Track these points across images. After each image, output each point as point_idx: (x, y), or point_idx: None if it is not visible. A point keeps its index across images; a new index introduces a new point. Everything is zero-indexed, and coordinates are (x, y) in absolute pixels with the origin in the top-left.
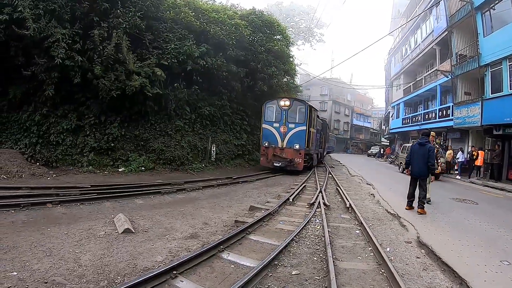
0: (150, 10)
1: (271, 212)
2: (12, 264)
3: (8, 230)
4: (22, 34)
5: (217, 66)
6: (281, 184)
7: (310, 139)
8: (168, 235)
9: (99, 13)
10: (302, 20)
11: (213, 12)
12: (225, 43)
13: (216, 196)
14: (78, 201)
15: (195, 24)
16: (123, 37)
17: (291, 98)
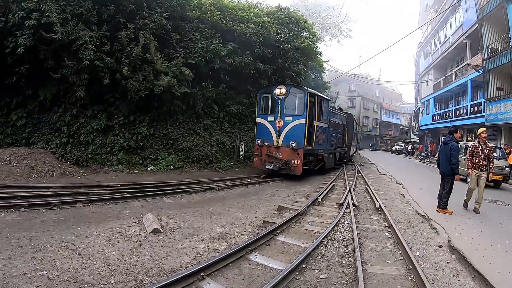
0: (176, 10)
1: (300, 213)
2: (42, 263)
3: (39, 229)
4: (50, 38)
5: (244, 64)
6: (310, 182)
7: (314, 135)
8: (196, 235)
9: (125, 15)
10: (328, 16)
11: (239, 10)
12: (252, 41)
13: (245, 195)
14: (108, 200)
15: (222, 23)
16: (150, 38)
17: (288, 85)
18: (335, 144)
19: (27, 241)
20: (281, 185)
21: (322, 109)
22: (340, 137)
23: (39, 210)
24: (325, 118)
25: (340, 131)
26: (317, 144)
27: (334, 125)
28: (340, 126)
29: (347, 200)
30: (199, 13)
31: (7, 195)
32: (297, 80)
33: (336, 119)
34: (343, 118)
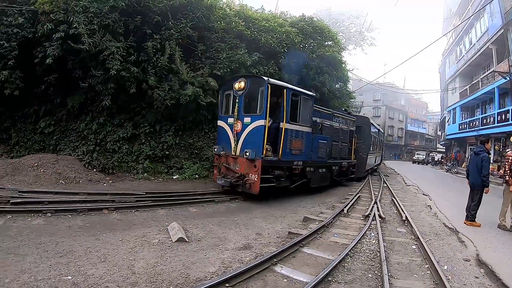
0: (202, 21)
1: (325, 224)
2: (67, 268)
3: (64, 234)
4: (78, 49)
5: (269, 74)
6: (335, 194)
7: (282, 141)
8: (221, 245)
9: (151, 26)
10: (352, 24)
11: (264, 20)
12: (277, 51)
13: (269, 206)
14: (133, 207)
15: (246, 33)
16: (176, 48)
17: (248, 76)
18: (332, 155)
19: (52, 246)
20: (306, 196)
21: (300, 107)
22: (344, 146)
23: (65, 215)
24: (305, 119)
25: (345, 138)
26: (289, 154)
27: (331, 130)
28: (343, 132)
29: (373, 211)
30: (224, 24)
31: (34, 200)
32: (321, 90)
33: (336, 122)
34: (350, 122)
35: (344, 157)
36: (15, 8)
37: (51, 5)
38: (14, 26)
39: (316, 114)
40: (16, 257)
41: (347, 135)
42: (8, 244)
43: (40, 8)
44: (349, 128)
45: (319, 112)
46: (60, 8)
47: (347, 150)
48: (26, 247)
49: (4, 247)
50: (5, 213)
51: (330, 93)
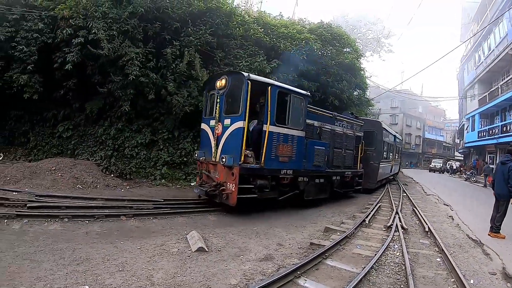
0: (220, 28)
1: (348, 235)
2: (85, 276)
3: (82, 241)
4: (97, 54)
5: (288, 81)
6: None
7: (265, 146)
8: (242, 255)
9: (170, 32)
10: (369, 31)
11: (282, 27)
12: (296, 58)
13: (289, 215)
14: (151, 215)
15: (265, 40)
16: (195, 55)
17: (230, 73)
18: (333, 163)
19: (69, 253)
20: (326, 205)
21: (290, 108)
22: (348, 153)
23: (83, 221)
24: (296, 122)
25: (349, 144)
26: (275, 161)
27: (332, 135)
28: (347, 137)
29: (395, 222)
30: (242, 31)
31: (51, 204)
32: (340, 98)
33: (339, 126)
34: (356, 126)
35: (349, 166)
36: (34, 14)
37: (70, 11)
38: (33, 31)
39: (313, 117)
40: (32, 263)
41: (353, 141)
42: (24, 249)
43: (59, 14)
44: (355, 133)
45: (316, 114)
46: (79, 13)
47: (352, 158)
48: (42, 253)
49: (20, 252)
50: (22, 217)
51: (349, 100)
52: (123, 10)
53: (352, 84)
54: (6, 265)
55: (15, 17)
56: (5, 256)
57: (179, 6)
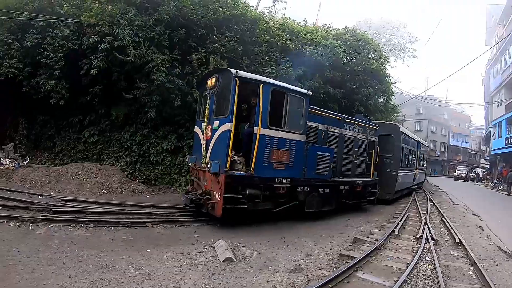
0: (246, 34)
1: (378, 246)
2: (111, 285)
3: (107, 247)
4: (123, 60)
5: (314, 88)
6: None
7: (255, 151)
8: (271, 266)
9: (196, 39)
10: (392, 36)
11: (307, 33)
12: (321, 64)
13: (316, 224)
14: (177, 222)
15: (290, 46)
16: (220, 62)
17: (220, 71)
18: (342, 171)
19: (95, 260)
20: (352, 214)
21: (287, 108)
22: (360, 160)
23: (108, 227)
24: (295, 124)
25: (360, 150)
26: (268, 169)
27: (340, 139)
28: (359, 142)
29: (425, 233)
30: (267, 37)
31: (76, 209)
32: (366, 104)
33: (349, 130)
34: (369, 130)
35: (360, 174)
36: (61, 21)
37: (96, 18)
38: (60, 38)
39: (316, 119)
40: (57, 269)
41: (365, 147)
42: (49, 255)
43: (85, 21)
44: (368, 138)
45: (321, 116)
46: (105, 21)
47: (365, 166)
48: (68, 259)
49: (45, 258)
50: (47, 222)
51: (374, 107)
52: (149, 17)
53: (378, 90)
54: (30, 270)
55: (42, 25)
56: (29, 261)
57: (204, 13)
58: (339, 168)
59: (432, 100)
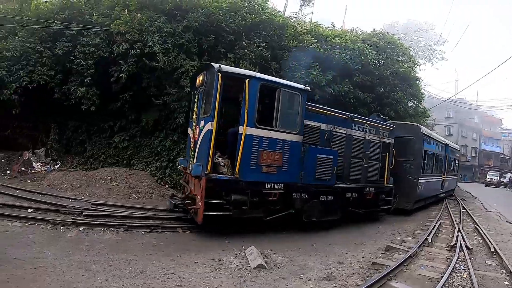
0: (274, 40)
1: (411, 255)
2: None
3: (138, 252)
4: (153, 67)
5: (344, 93)
6: (413, 219)
7: (241, 152)
8: (303, 274)
9: (225, 45)
10: (420, 38)
11: (336, 37)
12: (351, 68)
13: (348, 231)
14: (207, 228)
15: (319, 50)
16: (250, 68)
17: (207, 67)
18: (350, 176)
19: (125, 264)
20: (383, 222)
21: (279, 105)
22: (372, 164)
23: (138, 232)
24: (289, 123)
25: (372, 153)
26: (256, 172)
27: (347, 141)
28: (370, 144)
29: (459, 241)
30: (296, 42)
31: (107, 213)
32: (396, 108)
33: (359, 130)
34: (383, 131)
35: (373, 180)
36: (91, 29)
37: (126, 26)
38: (90, 46)
39: (318, 118)
40: (87, 272)
41: (378, 149)
42: (79, 258)
43: (115, 29)
44: (381, 139)
45: (324, 115)
46: (134, 28)
47: (378, 171)
48: (98, 263)
49: (75, 261)
50: (77, 225)
51: (405, 112)
52: (178, 24)
53: (408, 94)
54: (61, 273)
55: (72, 33)
56: (60, 264)
57: (232, 20)
58: (346, 173)
59: (462, 103)
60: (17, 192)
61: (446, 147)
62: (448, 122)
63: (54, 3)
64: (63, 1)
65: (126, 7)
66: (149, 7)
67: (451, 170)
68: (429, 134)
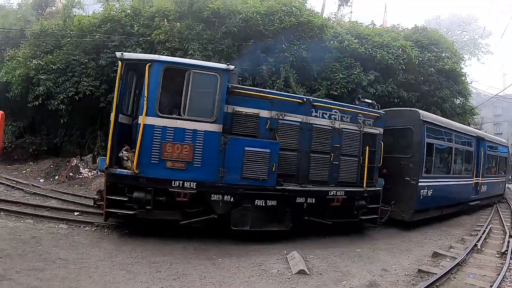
0: (314, 41)
1: (459, 262)
2: None
3: (179, 255)
4: None
5: (387, 93)
6: (461, 224)
7: (139, 144)
8: (345, 281)
9: (264, 49)
10: (464, 33)
11: (376, 36)
12: (393, 67)
13: (393, 236)
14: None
15: (360, 50)
16: (291, 71)
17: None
18: (307, 176)
19: (166, 267)
20: (429, 227)
21: (190, 89)
22: (345, 161)
23: (181, 235)
24: (203, 109)
25: (346, 147)
26: (159, 167)
27: (301, 131)
28: (343, 136)
29: (510, 247)
30: (336, 43)
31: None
32: (442, 107)
33: (318, 118)
34: (364, 118)
35: (348, 181)
36: (132, 40)
37: (166, 35)
38: None
39: (257, 103)
40: (128, 274)
41: (356, 142)
42: (121, 260)
43: (156, 38)
44: (362, 129)
45: (266, 99)
46: (174, 37)
47: (356, 170)
48: (139, 265)
49: (117, 262)
50: (121, 228)
51: (451, 110)
52: (217, 30)
53: (454, 91)
54: (102, 273)
55: (115, 44)
56: (102, 265)
57: (270, 23)
58: (303, 172)
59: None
60: (64, 196)
61: (479, 141)
62: (497, 120)
63: (96, 17)
64: (104, 14)
65: (165, 16)
66: (188, 15)
67: (493, 171)
68: (437, 122)
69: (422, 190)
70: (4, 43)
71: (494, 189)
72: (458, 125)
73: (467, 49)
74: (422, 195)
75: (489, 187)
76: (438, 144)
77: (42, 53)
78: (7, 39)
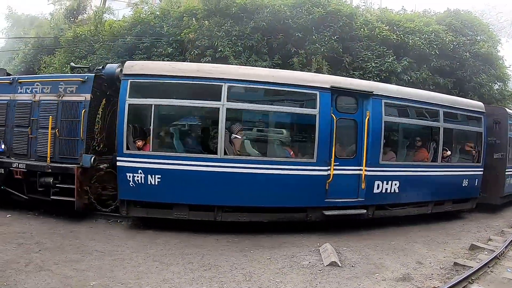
0: (344, 30)
1: (497, 255)
2: (210, 283)
3: (211, 247)
4: None
5: (422, 79)
6: (502, 215)
7: None
8: (378, 273)
9: (294, 42)
10: (500, 14)
11: (408, 21)
12: (427, 53)
13: (429, 228)
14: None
15: (392, 37)
16: (322, 62)
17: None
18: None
19: (198, 258)
20: (467, 218)
21: None
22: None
23: (215, 229)
24: None
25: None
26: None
27: (3, 109)
28: (41, 108)
29: None
30: (367, 31)
31: None
32: (480, 93)
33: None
34: (64, 86)
35: (44, 154)
36: (163, 40)
37: (195, 34)
38: (164, 56)
39: None
40: (161, 265)
41: (53, 113)
42: (155, 252)
43: (186, 37)
44: (61, 98)
45: None
46: (204, 35)
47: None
48: (172, 256)
49: (151, 254)
50: (157, 222)
51: (490, 96)
52: (245, 26)
53: (492, 76)
54: (136, 264)
55: (146, 45)
56: (136, 256)
57: (299, 16)
58: (9, 146)
59: None
60: None
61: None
62: None
63: (126, 21)
64: (134, 17)
65: (193, 15)
66: (216, 13)
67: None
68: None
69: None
70: (40, 51)
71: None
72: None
73: (504, 31)
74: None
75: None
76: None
77: (77, 58)
78: (42, 47)
